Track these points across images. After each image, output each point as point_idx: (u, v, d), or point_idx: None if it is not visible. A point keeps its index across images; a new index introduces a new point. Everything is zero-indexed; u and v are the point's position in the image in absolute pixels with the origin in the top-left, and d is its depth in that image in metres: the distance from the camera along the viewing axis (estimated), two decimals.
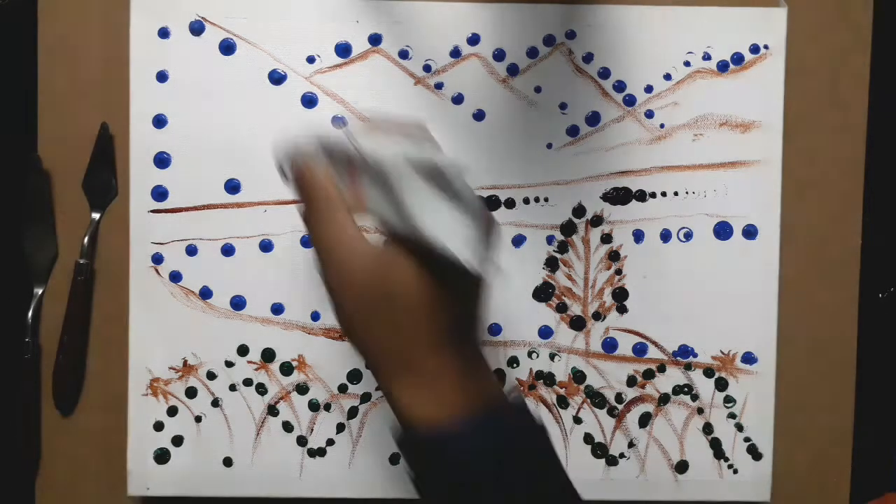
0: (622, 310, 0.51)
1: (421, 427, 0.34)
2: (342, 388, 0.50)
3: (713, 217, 0.50)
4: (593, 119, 0.50)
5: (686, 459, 0.51)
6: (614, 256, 0.50)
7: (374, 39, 0.50)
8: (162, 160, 0.50)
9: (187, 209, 0.50)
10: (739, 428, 0.51)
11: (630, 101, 0.50)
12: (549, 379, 0.51)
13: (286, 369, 0.50)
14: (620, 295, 0.51)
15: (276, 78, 0.50)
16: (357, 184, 0.36)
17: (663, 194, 0.50)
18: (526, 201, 0.50)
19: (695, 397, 0.51)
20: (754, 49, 0.50)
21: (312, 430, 0.50)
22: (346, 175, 0.36)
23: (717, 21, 0.50)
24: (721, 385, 0.51)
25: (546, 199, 0.50)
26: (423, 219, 0.33)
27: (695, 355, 0.51)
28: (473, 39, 0.50)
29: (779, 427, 0.51)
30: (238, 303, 0.50)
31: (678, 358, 0.51)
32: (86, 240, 0.51)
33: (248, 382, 0.50)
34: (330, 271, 0.36)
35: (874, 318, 0.52)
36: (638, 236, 0.50)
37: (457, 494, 0.33)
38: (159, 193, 0.50)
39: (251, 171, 0.50)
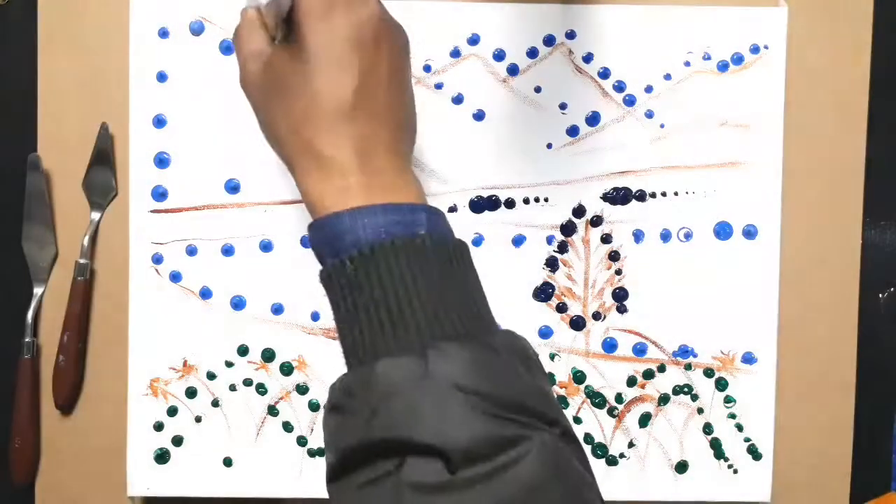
0: (622, 310, 0.51)
1: (320, 219, 0.34)
2: None
3: (713, 217, 0.50)
4: (593, 119, 0.50)
5: (686, 459, 0.51)
6: (614, 256, 0.50)
7: None
8: (162, 160, 0.50)
9: (187, 209, 0.50)
10: (739, 428, 0.51)
11: (630, 101, 0.50)
12: (549, 379, 0.50)
13: (286, 369, 0.50)
14: (620, 295, 0.51)
15: None
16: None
17: (663, 194, 0.50)
18: (526, 201, 0.50)
19: (695, 397, 0.51)
20: (754, 49, 0.50)
21: (312, 430, 0.50)
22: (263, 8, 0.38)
23: (717, 21, 0.50)
24: (721, 385, 0.51)
25: (546, 199, 0.50)
26: None
27: (695, 355, 0.51)
28: (473, 39, 0.50)
29: (779, 427, 0.51)
30: (238, 303, 0.50)
31: (678, 358, 0.51)
32: (86, 240, 0.51)
33: (248, 382, 0.50)
34: (244, 89, 0.39)
35: (874, 318, 0.52)
36: (638, 236, 0.50)
37: (344, 284, 0.33)
38: (159, 193, 0.50)
39: (251, 171, 0.50)
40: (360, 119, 0.35)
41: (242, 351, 0.50)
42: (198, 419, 0.50)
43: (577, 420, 0.50)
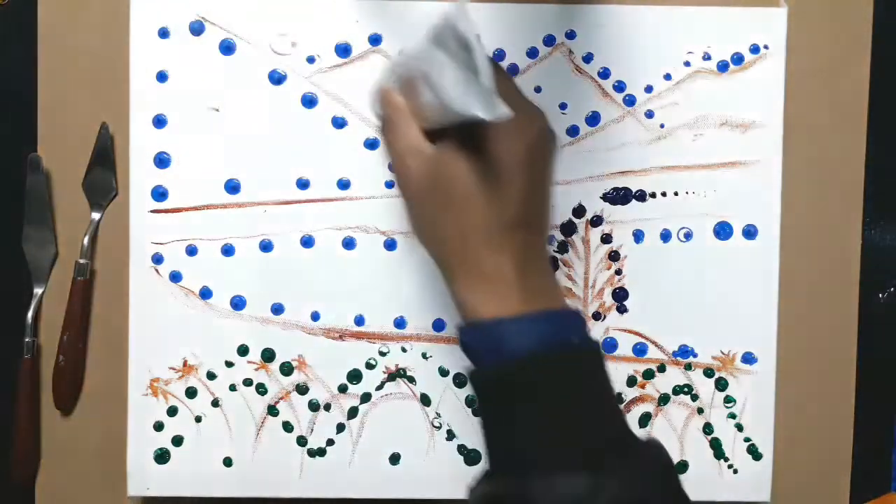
0: (622, 310, 0.51)
1: (480, 321, 0.34)
2: (342, 388, 0.50)
3: (713, 217, 0.50)
4: (593, 119, 0.50)
5: (686, 459, 0.51)
6: (614, 256, 0.50)
7: (374, 39, 0.50)
8: (162, 160, 0.50)
9: (187, 209, 0.50)
10: (739, 428, 0.51)
11: (630, 101, 0.50)
12: None
13: (286, 369, 0.50)
14: (620, 295, 0.51)
15: (276, 78, 0.50)
16: (420, 94, 0.37)
17: (663, 194, 0.50)
18: None
19: (695, 397, 0.51)
20: (754, 49, 0.50)
21: (312, 430, 0.50)
22: (412, 88, 0.38)
23: (717, 21, 0.50)
24: (721, 385, 0.51)
25: None
26: (451, 94, 0.34)
27: (695, 355, 0.51)
28: None
29: (779, 427, 0.51)
30: (238, 303, 0.50)
31: (678, 358, 0.51)
32: (86, 240, 0.51)
33: (248, 382, 0.50)
34: (398, 180, 0.38)
35: (874, 318, 0.52)
36: (638, 236, 0.50)
37: (507, 386, 0.33)
38: (159, 193, 0.50)
39: (251, 171, 0.50)
40: (523, 230, 0.35)
41: (242, 351, 0.50)
42: (198, 419, 0.50)
43: None
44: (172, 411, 0.50)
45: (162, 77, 0.50)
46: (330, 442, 0.50)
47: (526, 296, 0.34)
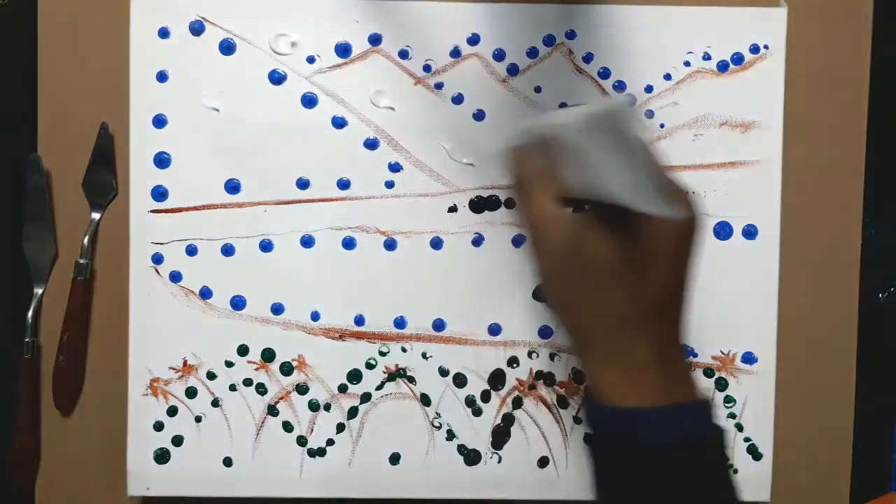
0: None
1: (612, 407, 0.34)
2: (342, 388, 0.50)
3: (713, 217, 0.50)
4: None
5: None
6: None
7: (374, 39, 0.50)
8: (162, 160, 0.50)
9: (187, 209, 0.50)
10: (739, 428, 0.51)
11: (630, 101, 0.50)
12: (549, 379, 0.51)
13: (286, 369, 0.50)
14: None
15: (276, 78, 0.50)
16: (557, 162, 0.36)
17: None
18: None
19: None
20: (754, 49, 0.50)
21: (312, 430, 0.50)
22: (547, 156, 0.37)
23: (717, 21, 0.50)
24: (721, 385, 0.51)
25: None
26: (604, 176, 0.33)
27: (695, 355, 0.51)
28: (473, 39, 0.50)
29: (779, 427, 0.51)
30: (238, 303, 0.50)
31: None
32: (86, 240, 0.51)
33: (248, 382, 0.50)
34: (533, 244, 0.37)
35: (874, 318, 0.52)
36: None
37: (631, 477, 0.33)
38: (159, 193, 0.50)
39: (251, 171, 0.50)
40: (665, 316, 0.35)
41: (242, 351, 0.50)
42: (198, 419, 0.50)
43: (578, 420, 0.50)
44: (172, 411, 0.50)
45: (162, 77, 0.50)
46: (330, 442, 0.50)
47: (664, 384, 0.34)
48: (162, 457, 0.50)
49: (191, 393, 0.50)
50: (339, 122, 0.50)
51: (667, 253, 0.34)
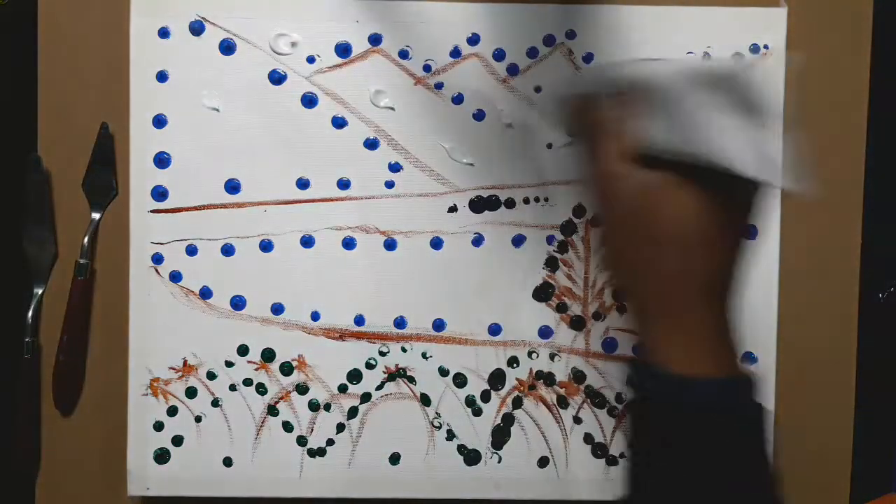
0: (622, 310, 0.50)
1: (663, 371, 0.33)
2: (342, 388, 0.50)
3: None
4: None
5: None
6: None
7: (374, 39, 0.50)
8: (162, 160, 0.50)
9: (187, 209, 0.50)
10: None
11: None
12: (549, 379, 0.51)
13: (286, 369, 0.50)
14: (621, 295, 0.50)
15: (276, 78, 0.50)
16: (633, 114, 0.34)
17: None
18: (526, 201, 0.50)
19: None
20: (754, 49, 0.50)
21: (312, 430, 0.50)
22: (623, 109, 0.35)
23: (717, 21, 0.50)
24: None
25: (546, 199, 0.50)
26: (696, 136, 0.31)
27: None
28: (473, 39, 0.50)
29: (779, 427, 0.51)
30: (238, 303, 0.50)
31: None
32: (86, 240, 0.51)
33: (248, 382, 0.50)
34: (599, 198, 0.36)
35: (874, 318, 0.52)
36: None
37: (671, 441, 0.33)
38: (159, 193, 0.50)
39: (251, 171, 0.50)
40: (727, 289, 0.35)
41: (242, 351, 0.50)
42: (198, 419, 0.50)
43: (577, 420, 0.50)
44: (172, 411, 0.50)
45: (162, 77, 0.50)
46: (330, 442, 0.50)
47: (715, 356, 0.34)
48: (162, 457, 0.50)
49: (191, 393, 0.50)
50: (339, 122, 0.50)
51: (739, 225, 0.34)
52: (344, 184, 0.50)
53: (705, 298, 0.34)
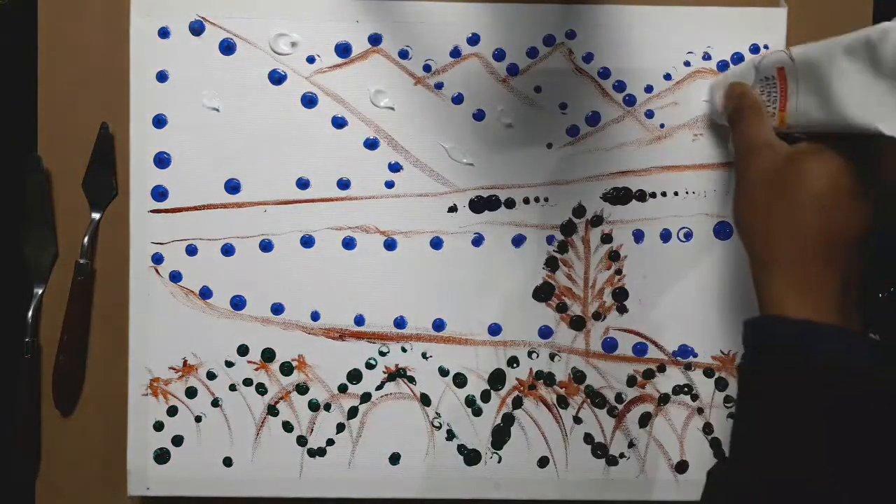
0: (622, 310, 0.51)
1: (797, 321, 0.34)
2: (342, 388, 0.50)
3: (713, 217, 0.50)
4: (593, 119, 0.50)
5: (686, 459, 0.51)
6: (614, 256, 0.50)
7: (374, 39, 0.50)
8: (162, 160, 0.50)
9: (187, 209, 0.50)
10: None
11: (630, 101, 0.50)
12: (549, 379, 0.51)
13: (286, 369, 0.50)
14: (620, 295, 0.51)
15: (276, 78, 0.50)
16: (784, 95, 0.39)
17: (663, 194, 0.50)
18: (526, 201, 0.50)
19: (695, 397, 0.51)
20: (754, 49, 0.50)
21: (312, 430, 0.50)
22: (773, 91, 0.40)
23: (717, 21, 0.50)
24: (721, 385, 0.51)
25: (546, 199, 0.50)
26: (850, 104, 0.34)
27: (695, 355, 0.51)
28: (473, 39, 0.50)
29: None
30: (238, 303, 0.50)
31: (678, 358, 0.51)
32: (86, 240, 0.51)
33: (248, 382, 0.50)
34: (744, 167, 0.39)
35: (874, 319, 0.52)
36: (638, 236, 0.50)
37: (803, 386, 0.33)
38: (159, 193, 0.50)
39: (251, 171, 0.50)
40: (858, 251, 0.36)
41: (242, 351, 0.50)
42: (198, 419, 0.50)
43: (577, 420, 0.50)
44: (172, 411, 0.50)
45: (162, 77, 0.50)
46: (330, 442, 0.50)
47: (842, 313, 0.35)
48: (162, 457, 0.50)
49: (191, 393, 0.50)
50: (339, 122, 0.50)
51: (871, 191, 0.35)
52: (344, 184, 0.50)
53: (835, 261, 0.35)
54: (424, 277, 0.50)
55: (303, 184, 0.50)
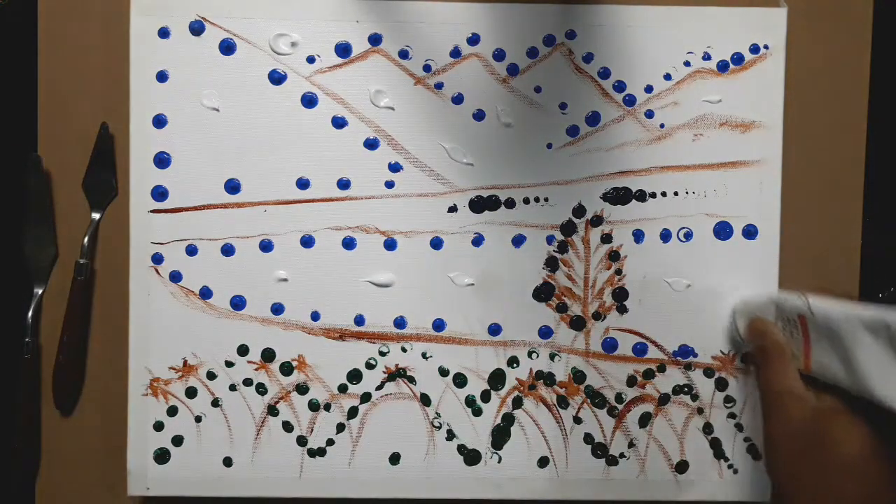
0: (622, 310, 0.51)
1: None
2: (342, 388, 0.50)
3: (713, 217, 0.50)
4: (593, 119, 0.50)
5: (686, 459, 0.51)
6: (614, 256, 0.50)
7: (374, 39, 0.50)
8: (162, 160, 0.50)
9: (187, 209, 0.50)
10: (739, 428, 0.51)
11: (630, 101, 0.50)
12: (549, 379, 0.51)
13: (286, 369, 0.50)
14: (620, 295, 0.51)
15: (276, 78, 0.50)
16: (806, 341, 0.40)
17: (663, 194, 0.50)
18: (526, 201, 0.50)
19: (695, 397, 0.51)
20: (754, 49, 0.50)
21: (312, 430, 0.50)
22: (796, 332, 0.41)
23: (717, 21, 0.50)
24: (721, 385, 0.51)
25: (546, 199, 0.50)
26: (873, 377, 0.35)
27: (695, 355, 0.51)
28: (473, 39, 0.50)
29: None
30: (238, 303, 0.50)
31: (678, 358, 0.51)
32: (86, 240, 0.51)
33: (248, 382, 0.50)
34: (770, 415, 0.40)
35: None
36: (638, 236, 0.50)
37: None
38: (159, 193, 0.50)
39: (251, 171, 0.50)
40: None
41: (242, 351, 0.50)
42: (198, 419, 0.50)
43: (578, 420, 0.50)
44: (172, 411, 0.50)
45: (162, 77, 0.50)
46: (330, 442, 0.50)
47: None
48: (162, 457, 0.50)
49: (191, 393, 0.50)
50: (339, 122, 0.50)
51: None
52: (344, 184, 0.50)
53: None
54: (424, 277, 0.50)
55: (303, 184, 0.50)
